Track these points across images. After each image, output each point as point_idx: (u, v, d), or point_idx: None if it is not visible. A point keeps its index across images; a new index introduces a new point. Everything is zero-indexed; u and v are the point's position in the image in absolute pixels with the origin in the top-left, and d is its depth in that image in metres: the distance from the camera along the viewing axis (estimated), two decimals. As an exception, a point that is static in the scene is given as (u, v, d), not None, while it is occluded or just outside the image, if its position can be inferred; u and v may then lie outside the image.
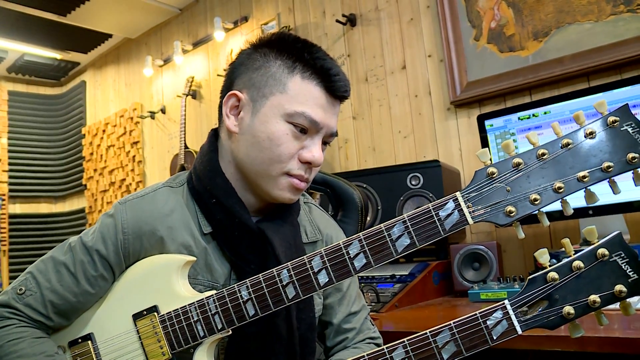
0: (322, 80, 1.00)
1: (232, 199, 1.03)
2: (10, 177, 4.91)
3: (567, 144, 0.80)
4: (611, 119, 0.80)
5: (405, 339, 0.86)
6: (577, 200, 0.84)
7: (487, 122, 1.96)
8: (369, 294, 1.73)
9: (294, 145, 1.00)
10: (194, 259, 1.01)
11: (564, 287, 0.80)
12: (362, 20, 2.81)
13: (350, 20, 2.83)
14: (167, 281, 0.98)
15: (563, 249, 0.85)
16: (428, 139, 2.52)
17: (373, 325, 1.22)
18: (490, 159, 0.86)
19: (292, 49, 1.02)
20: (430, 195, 1.94)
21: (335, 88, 1.01)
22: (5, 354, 0.95)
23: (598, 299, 0.78)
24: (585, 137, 0.80)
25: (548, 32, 2.12)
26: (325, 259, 0.89)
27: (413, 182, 1.98)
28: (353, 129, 2.82)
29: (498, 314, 0.82)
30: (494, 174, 0.83)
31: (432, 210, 0.85)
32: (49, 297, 0.99)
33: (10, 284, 1.04)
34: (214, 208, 1.03)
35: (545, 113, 1.84)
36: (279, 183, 1.01)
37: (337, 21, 2.84)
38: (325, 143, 1.06)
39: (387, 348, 0.87)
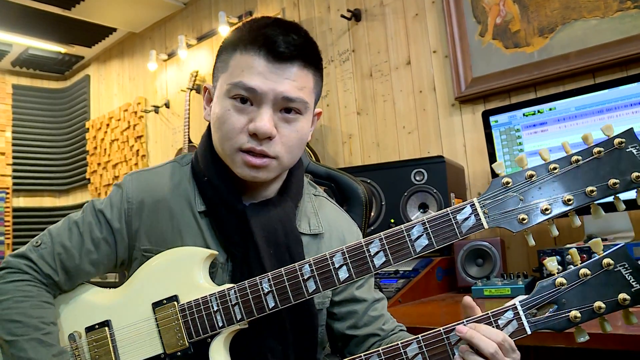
0: (260, 47, 0.97)
1: (220, 178, 1.06)
2: (14, 170, 4.93)
3: (577, 161, 0.86)
4: (617, 140, 0.86)
5: (419, 335, 0.90)
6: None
7: (492, 118, 1.96)
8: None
9: (239, 120, 0.99)
10: (216, 252, 1.03)
11: (571, 292, 0.85)
12: (367, 15, 2.81)
13: (355, 16, 2.83)
14: (188, 272, 1.00)
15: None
16: (432, 135, 2.51)
17: None
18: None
19: (240, 31, 1.03)
20: (434, 191, 1.94)
21: (275, 51, 0.97)
22: (7, 307, 1.00)
23: (603, 305, 0.83)
24: (592, 155, 0.86)
25: (554, 28, 2.11)
26: (347, 255, 0.93)
27: (417, 178, 1.98)
28: (357, 125, 2.82)
29: (509, 314, 0.87)
30: (509, 183, 0.89)
31: (450, 214, 0.90)
32: (58, 251, 1.05)
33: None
34: (205, 186, 1.07)
35: (550, 109, 1.84)
36: (235, 161, 1.01)
37: (342, 16, 2.84)
38: (288, 111, 1.01)
39: (401, 343, 0.90)
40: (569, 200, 0.85)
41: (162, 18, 4.19)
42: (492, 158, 1.95)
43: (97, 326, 1.03)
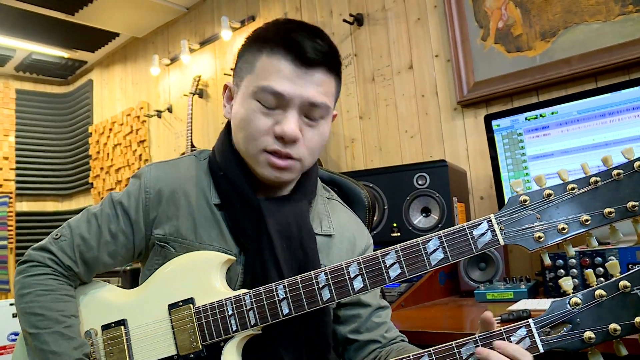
0: (287, 52, 0.99)
1: (236, 172, 1.07)
2: (17, 175, 4.94)
3: (596, 182, 0.86)
4: (638, 163, 0.84)
5: (430, 349, 0.89)
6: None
7: (494, 122, 1.96)
8: (375, 293, 1.73)
9: (265, 122, 1.01)
10: (234, 258, 1.05)
11: (586, 313, 0.84)
12: (369, 19, 2.81)
13: (358, 20, 2.84)
14: (206, 276, 1.01)
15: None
16: (435, 139, 2.52)
17: None
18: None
19: (265, 32, 1.05)
20: (437, 195, 1.94)
21: (303, 56, 0.99)
22: (30, 300, 1.03)
23: (619, 328, 0.82)
24: (612, 177, 0.85)
25: (556, 32, 2.12)
26: (362, 266, 0.93)
27: (420, 182, 1.98)
28: (360, 129, 2.82)
29: (522, 332, 0.86)
30: (526, 201, 0.88)
31: (466, 229, 0.89)
32: (77, 242, 1.08)
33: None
34: (221, 180, 1.09)
35: (552, 113, 1.84)
36: (259, 161, 1.04)
37: (344, 21, 2.85)
38: (313, 118, 1.04)
39: (412, 356, 0.90)
40: (587, 220, 0.85)
41: (165, 23, 4.21)
42: (495, 162, 1.95)
43: (113, 324, 1.04)
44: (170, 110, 4.12)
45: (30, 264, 1.07)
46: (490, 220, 0.89)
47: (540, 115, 1.86)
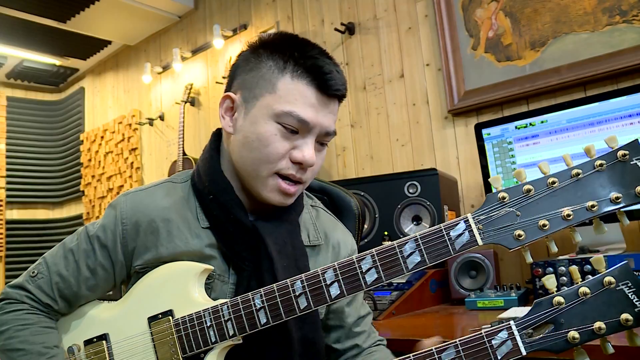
0: (313, 78, 0.99)
1: (228, 196, 1.05)
2: (7, 182, 4.91)
3: (577, 174, 0.82)
4: (621, 152, 0.81)
5: (411, 355, 0.88)
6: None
7: (485, 131, 1.98)
8: (367, 301, 1.73)
9: (284, 146, 0.99)
10: (212, 267, 1.03)
11: (570, 312, 0.81)
12: (361, 28, 2.83)
13: (349, 29, 2.85)
14: (184, 287, 1.01)
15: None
16: (426, 148, 2.53)
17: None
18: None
19: (284, 49, 1.02)
20: (428, 203, 1.95)
21: (328, 86, 1.00)
22: (9, 337, 1.01)
23: (603, 326, 0.79)
24: (594, 168, 0.82)
25: (545, 41, 2.14)
26: (338, 272, 0.91)
27: (410, 191, 1.99)
28: (351, 137, 2.83)
29: (503, 334, 0.83)
30: (505, 198, 0.85)
31: (443, 230, 0.87)
32: (55, 280, 1.05)
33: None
34: (211, 204, 1.06)
35: (542, 122, 1.85)
36: (268, 184, 1.02)
37: (336, 29, 2.86)
38: (322, 144, 1.05)
39: None
40: (569, 215, 0.81)
41: (157, 31, 4.21)
42: (485, 170, 1.96)
43: (95, 339, 1.04)
44: (162, 118, 4.11)
45: (6, 302, 1.06)
46: (468, 220, 0.86)
47: (530, 124, 1.88)
